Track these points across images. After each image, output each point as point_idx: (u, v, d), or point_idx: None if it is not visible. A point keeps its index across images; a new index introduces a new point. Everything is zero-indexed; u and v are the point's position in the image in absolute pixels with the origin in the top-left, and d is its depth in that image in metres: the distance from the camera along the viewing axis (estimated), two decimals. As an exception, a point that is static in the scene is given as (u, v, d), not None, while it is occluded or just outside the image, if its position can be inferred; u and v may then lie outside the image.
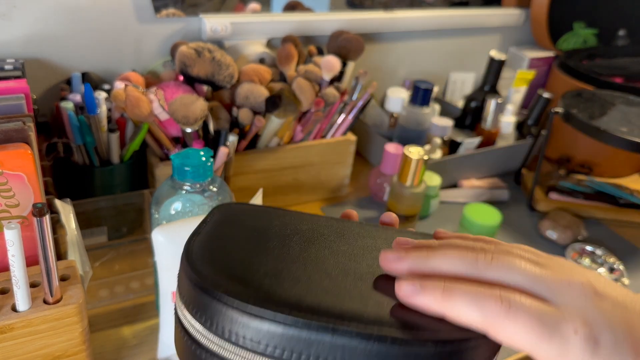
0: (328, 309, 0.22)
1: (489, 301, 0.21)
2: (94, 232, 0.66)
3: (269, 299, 0.22)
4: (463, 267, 0.23)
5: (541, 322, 0.21)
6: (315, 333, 0.21)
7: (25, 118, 0.47)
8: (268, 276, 0.24)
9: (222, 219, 0.30)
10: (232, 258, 0.26)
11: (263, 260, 0.26)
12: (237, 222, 0.30)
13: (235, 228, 0.29)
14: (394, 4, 0.97)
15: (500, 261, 0.23)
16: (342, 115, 0.79)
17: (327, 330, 0.21)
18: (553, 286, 0.22)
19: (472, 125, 0.98)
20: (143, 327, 0.57)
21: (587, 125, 0.79)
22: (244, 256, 0.26)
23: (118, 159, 0.67)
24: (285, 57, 0.75)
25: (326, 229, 0.31)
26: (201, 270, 0.24)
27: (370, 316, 0.22)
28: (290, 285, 0.24)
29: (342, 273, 0.26)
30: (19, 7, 0.66)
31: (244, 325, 0.22)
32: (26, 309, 0.42)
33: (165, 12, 0.75)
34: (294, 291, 0.23)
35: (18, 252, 0.39)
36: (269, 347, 0.22)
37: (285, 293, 0.23)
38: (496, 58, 0.95)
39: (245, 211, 0.32)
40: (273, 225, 0.30)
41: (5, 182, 0.43)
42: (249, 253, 0.27)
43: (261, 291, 0.23)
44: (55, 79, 0.72)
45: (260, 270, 0.25)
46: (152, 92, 0.65)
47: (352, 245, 0.29)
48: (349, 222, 0.32)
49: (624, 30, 1.14)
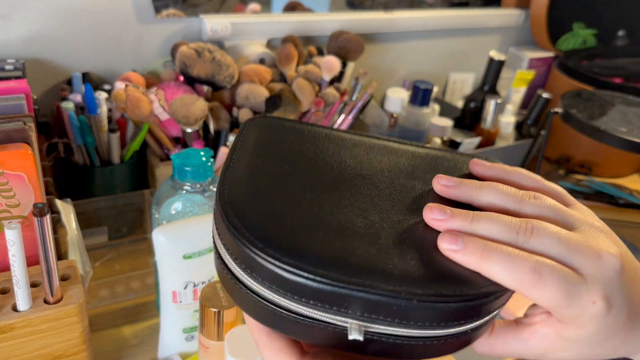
0: (360, 267, 0.23)
1: (523, 270, 0.23)
2: (95, 232, 0.66)
3: (306, 257, 0.23)
4: (504, 235, 0.25)
5: (566, 292, 0.23)
6: (349, 290, 0.23)
7: (26, 118, 0.47)
8: (303, 228, 0.25)
9: (254, 146, 0.29)
10: (266, 204, 0.26)
11: (297, 204, 0.26)
12: (269, 151, 0.29)
13: (267, 160, 0.28)
14: (394, 4, 0.97)
15: (539, 235, 0.25)
16: (342, 116, 0.79)
17: (359, 289, 0.23)
18: (584, 257, 0.24)
19: (471, 126, 0.98)
20: (143, 327, 0.57)
21: (587, 125, 0.79)
22: (279, 200, 0.26)
23: (118, 159, 0.67)
24: (285, 58, 0.76)
25: (364, 162, 0.30)
26: (237, 220, 0.25)
27: (402, 272, 0.23)
28: (325, 238, 0.24)
29: (378, 219, 0.26)
30: (20, 8, 0.66)
31: (281, 279, 0.23)
32: (27, 309, 0.42)
33: (165, 12, 0.76)
34: (329, 245, 0.24)
35: (19, 252, 0.39)
36: (304, 298, 0.23)
37: (320, 249, 0.24)
38: (496, 58, 0.95)
39: (278, 132, 0.31)
40: (307, 155, 0.29)
41: (5, 182, 0.43)
42: (284, 196, 0.26)
43: (298, 247, 0.24)
44: (55, 79, 0.72)
45: (296, 218, 0.25)
46: (152, 93, 0.65)
47: (391, 185, 0.28)
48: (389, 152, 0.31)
49: (623, 31, 1.14)
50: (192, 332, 0.52)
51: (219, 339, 0.44)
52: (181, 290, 0.49)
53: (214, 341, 0.44)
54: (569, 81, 0.99)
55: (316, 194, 0.27)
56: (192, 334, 0.52)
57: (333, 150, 0.30)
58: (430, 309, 0.23)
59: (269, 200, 0.26)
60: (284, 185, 0.27)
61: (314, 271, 0.23)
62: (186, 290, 0.49)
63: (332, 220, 0.25)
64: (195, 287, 0.49)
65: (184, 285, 0.49)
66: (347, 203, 0.27)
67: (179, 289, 0.49)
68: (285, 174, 0.28)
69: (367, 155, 0.30)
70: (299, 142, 0.30)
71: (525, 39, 1.16)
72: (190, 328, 0.52)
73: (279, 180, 0.27)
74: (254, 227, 0.24)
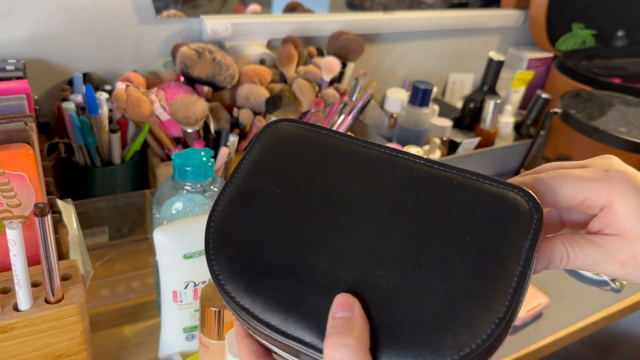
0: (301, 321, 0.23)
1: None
2: (95, 232, 0.66)
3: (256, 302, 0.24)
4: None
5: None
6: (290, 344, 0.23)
7: (27, 118, 0.47)
8: (266, 268, 0.24)
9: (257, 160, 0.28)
10: (241, 233, 0.25)
11: (270, 239, 0.25)
12: (269, 168, 0.27)
13: (263, 179, 0.27)
14: (394, 5, 0.97)
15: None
16: (342, 116, 0.79)
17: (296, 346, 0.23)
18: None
19: (471, 126, 0.98)
20: (144, 327, 0.57)
21: (586, 125, 0.79)
22: (254, 232, 0.25)
23: (119, 159, 0.67)
24: (285, 58, 0.76)
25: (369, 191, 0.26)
26: (210, 247, 0.25)
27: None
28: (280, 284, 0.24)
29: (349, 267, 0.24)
30: (20, 8, 0.66)
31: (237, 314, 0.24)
32: (28, 309, 0.42)
33: (166, 13, 0.76)
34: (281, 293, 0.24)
35: (20, 252, 0.39)
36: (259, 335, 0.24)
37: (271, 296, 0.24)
38: (495, 59, 0.95)
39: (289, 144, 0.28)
40: (308, 177, 0.27)
41: (6, 182, 0.44)
42: (261, 227, 0.25)
43: (252, 290, 0.24)
44: (56, 79, 0.72)
45: (263, 255, 0.25)
46: (153, 93, 0.65)
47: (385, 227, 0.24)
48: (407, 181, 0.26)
49: (622, 31, 1.15)
50: (192, 332, 0.52)
51: (220, 339, 0.44)
52: (182, 290, 0.49)
53: (215, 341, 0.44)
54: (568, 81, 0.99)
55: (294, 228, 0.25)
56: (192, 334, 0.52)
57: (340, 173, 0.27)
58: None
59: (246, 229, 0.25)
60: (267, 214, 0.26)
61: (259, 318, 0.23)
62: (187, 289, 0.49)
63: (297, 263, 0.24)
64: (196, 286, 0.49)
65: (184, 285, 0.49)
66: (323, 242, 0.25)
67: (179, 288, 0.49)
68: (273, 199, 0.26)
69: (376, 178, 0.26)
70: (306, 160, 0.28)
71: (524, 40, 1.16)
72: (191, 327, 0.52)
73: (265, 206, 0.26)
74: (222, 259, 0.25)
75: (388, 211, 0.25)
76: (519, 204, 0.24)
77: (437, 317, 0.22)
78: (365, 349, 0.21)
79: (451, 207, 0.25)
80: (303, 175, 0.27)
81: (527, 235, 0.23)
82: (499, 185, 0.25)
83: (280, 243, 0.25)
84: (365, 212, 0.25)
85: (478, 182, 0.25)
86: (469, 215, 0.24)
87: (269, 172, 0.27)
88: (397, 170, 0.26)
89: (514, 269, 0.23)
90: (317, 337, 0.22)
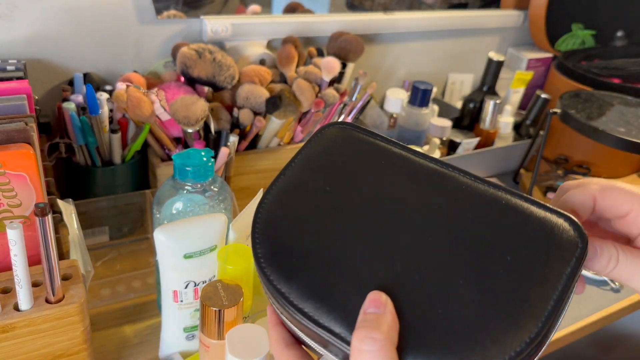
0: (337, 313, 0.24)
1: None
2: (96, 231, 0.67)
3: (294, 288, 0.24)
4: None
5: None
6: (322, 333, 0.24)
7: (27, 119, 0.47)
8: (307, 256, 0.25)
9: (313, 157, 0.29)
10: (288, 223, 0.26)
11: (315, 231, 0.26)
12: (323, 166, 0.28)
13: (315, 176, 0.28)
14: (393, 5, 0.97)
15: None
16: (341, 116, 0.80)
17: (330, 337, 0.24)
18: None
19: (470, 126, 0.99)
20: (144, 326, 0.57)
21: (585, 125, 0.79)
22: (301, 222, 0.26)
23: (120, 159, 0.67)
24: (285, 58, 0.76)
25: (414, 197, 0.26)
26: (256, 231, 0.26)
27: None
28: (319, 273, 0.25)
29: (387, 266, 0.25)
30: (20, 8, 0.66)
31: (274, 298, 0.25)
32: (28, 308, 0.42)
33: (166, 13, 0.76)
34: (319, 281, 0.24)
35: (20, 252, 0.39)
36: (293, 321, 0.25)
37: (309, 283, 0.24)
38: (495, 59, 0.95)
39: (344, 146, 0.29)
40: (358, 177, 0.28)
41: (7, 182, 0.44)
42: (307, 218, 0.26)
43: (291, 276, 0.25)
44: (57, 79, 0.72)
45: (306, 245, 0.25)
46: (153, 93, 0.66)
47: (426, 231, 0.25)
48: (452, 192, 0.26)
49: (622, 31, 1.15)
50: (192, 332, 0.52)
51: (220, 338, 0.44)
52: (182, 290, 0.49)
53: (215, 340, 0.45)
54: (567, 82, 0.99)
55: (336, 222, 0.26)
56: (192, 333, 0.52)
57: (390, 179, 0.27)
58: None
59: (291, 217, 0.27)
60: (313, 205, 0.27)
61: (293, 304, 0.24)
62: (187, 289, 0.49)
63: (335, 256, 0.25)
64: (196, 286, 0.50)
65: (184, 285, 0.49)
66: (363, 239, 0.25)
67: (179, 288, 0.49)
68: (321, 193, 0.27)
69: (426, 189, 0.27)
70: (359, 162, 0.28)
71: (524, 40, 1.16)
72: (191, 327, 0.52)
73: (312, 199, 0.27)
74: (266, 244, 0.26)
75: (433, 220, 0.26)
76: (565, 231, 0.25)
77: (467, 327, 0.22)
78: (392, 346, 0.22)
79: (496, 225, 0.25)
80: (355, 176, 0.28)
81: (569, 263, 0.24)
82: (547, 210, 0.25)
83: (321, 234, 0.26)
84: (410, 218, 0.26)
85: (526, 205, 0.26)
86: (513, 235, 0.25)
87: (321, 169, 0.28)
88: (447, 183, 0.27)
89: (552, 293, 0.23)
90: (347, 329, 0.23)
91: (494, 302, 0.23)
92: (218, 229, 0.48)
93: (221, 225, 0.48)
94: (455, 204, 0.26)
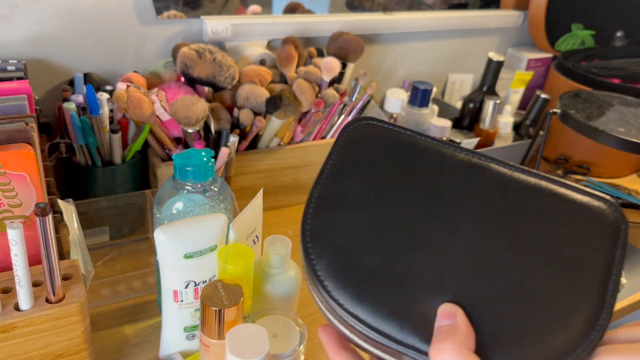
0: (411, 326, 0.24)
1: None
2: (96, 231, 0.67)
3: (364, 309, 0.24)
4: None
5: None
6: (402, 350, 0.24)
7: (28, 119, 0.47)
8: (369, 273, 0.25)
9: (345, 163, 0.27)
10: (340, 239, 0.26)
11: (370, 244, 0.25)
12: (358, 170, 0.27)
13: (354, 183, 0.27)
14: (393, 5, 0.97)
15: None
16: (341, 116, 0.80)
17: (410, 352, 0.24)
18: None
19: (470, 126, 0.99)
20: (145, 326, 0.57)
21: (585, 125, 0.79)
22: (353, 237, 0.25)
23: (120, 160, 0.68)
24: (285, 59, 0.76)
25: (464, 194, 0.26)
26: (310, 251, 0.26)
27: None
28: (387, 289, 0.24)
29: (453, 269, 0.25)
30: (21, 8, 0.66)
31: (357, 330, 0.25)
32: (29, 308, 0.42)
33: (166, 13, 0.76)
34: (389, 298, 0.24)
35: (21, 252, 0.39)
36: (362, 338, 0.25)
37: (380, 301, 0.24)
38: (494, 59, 0.95)
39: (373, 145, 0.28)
40: (398, 178, 0.27)
41: (7, 182, 0.44)
42: (359, 232, 0.25)
43: (358, 296, 0.24)
44: (57, 79, 0.72)
45: (365, 260, 0.25)
46: (153, 93, 0.66)
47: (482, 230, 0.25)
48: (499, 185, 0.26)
49: (621, 31, 1.15)
50: (193, 331, 0.52)
51: (220, 338, 0.44)
52: (182, 290, 0.49)
53: (215, 340, 0.45)
54: (567, 82, 0.99)
55: (393, 234, 0.25)
56: (193, 333, 0.52)
57: (433, 178, 0.27)
58: None
59: (345, 233, 0.26)
60: (364, 218, 0.26)
61: (371, 326, 0.24)
62: (187, 289, 0.49)
63: (402, 271, 0.25)
64: (196, 286, 0.50)
65: (185, 285, 0.49)
66: (423, 249, 0.25)
67: (180, 288, 0.49)
68: (369, 203, 0.26)
69: (469, 184, 0.27)
70: (397, 161, 0.27)
71: (524, 40, 1.16)
72: (191, 327, 0.52)
73: (361, 210, 0.26)
74: (324, 264, 0.25)
75: (485, 219, 0.26)
76: (608, 214, 0.25)
77: (539, 325, 0.23)
78: (467, 351, 0.23)
79: (544, 216, 0.25)
80: (396, 179, 0.27)
81: (617, 246, 0.25)
82: (586, 195, 0.26)
83: (381, 249, 0.25)
84: (462, 220, 0.26)
85: (569, 192, 0.26)
86: (564, 225, 0.25)
87: (359, 174, 0.27)
88: (489, 177, 0.27)
89: (607, 279, 0.25)
90: (425, 342, 0.24)
91: (558, 298, 0.24)
92: (218, 229, 0.48)
93: (221, 225, 0.48)
94: (502, 199, 0.26)
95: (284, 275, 0.52)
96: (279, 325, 0.49)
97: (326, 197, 0.27)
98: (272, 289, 0.52)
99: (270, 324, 0.49)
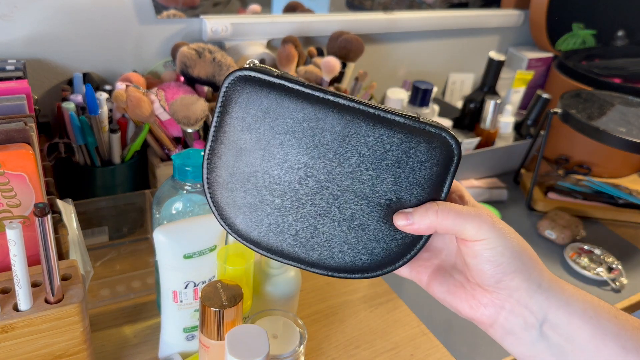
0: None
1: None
2: (95, 232, 0.67)
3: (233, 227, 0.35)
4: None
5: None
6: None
7: (27, 118, 0.47)
8: (250, 202, 0.34)
9: (233, 116, 0.33)
10: (225, 175, 0.34)
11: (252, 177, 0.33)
12: (246, 121, 0.33)
13: (244, 132, 0.33)
14: (394, 5, 0.97)
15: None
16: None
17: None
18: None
19: (471, 126, 0.99)
20: (144, 326, 0.57)
21: (586, 125, 0.79)
22: (239, 169, 0.33)
23: (119, 159, 0.67)
24: (285, 58, 0.76)
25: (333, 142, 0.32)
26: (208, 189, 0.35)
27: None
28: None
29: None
30: (20, 8, 0.66)
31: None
32: (28, 309, 0.42)
33: (166, 13, 0.76)
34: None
35: (20, 252, 0.39)
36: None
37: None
38: (495, 59, 0.95)
39: (257, 96, 0.32)
40: (281, 124, 0.32)
41: (6, 182, 0.44)
42: (244, 166, 0.33)
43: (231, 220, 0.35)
44: (56, 79, 0.72)
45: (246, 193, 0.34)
46: (153, 93, 0.66)
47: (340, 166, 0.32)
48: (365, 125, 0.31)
49: (622, 31, 1.15)
50: (192, 332, 0.52)
51: (220, 339, 0.44)
52: (182, 290, 0.49)
53: (215, 341, 0.44)
54: (568, 81, 0.99)
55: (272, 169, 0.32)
56: (192, 334, 0.52)
57: (307, 122, 0.32)
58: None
59: (231, 174, 0.33)
60: (252, 159, 0.33)
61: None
62: (187, 289, 0.49)
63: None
64: (196, 286, 0.49)
65: (184, 285, 0.49)
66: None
67: (179, 288, 0.49)
68: (258, 146, 0.32)
69: (338, 126, 0.32)
70: (276, 109, 0.32)
71: (524, 40, 1.16)
72: (191, 327, 0.52)
73: (250, 153, 0.33)
74: (217, 198, 0.34)
75: (336, 150, 0.32)
76: (445, 144, 0.31)
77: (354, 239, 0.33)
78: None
79: (386, 146, 0.32)
80: (276, 122, 0.32)
81: (449, 173, 0.32)
82: (425, 125, 0.32)
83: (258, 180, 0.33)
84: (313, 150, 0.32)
85: (407, 122, 0.31)
86: (402, 152, 0.31)
87: (244, 125, 0.33)
88: (335, 114, 0.32)
89: (441, 193, 0.32)
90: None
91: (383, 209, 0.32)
92: (218, 229, 0.48)
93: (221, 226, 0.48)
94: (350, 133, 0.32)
95: (284, 275, 0.52)
96: (278, 325, 0.49)
97: (214, 148, 0.34)
98: (272, 289, 0.52)
99: (270, 324, 0.49)
